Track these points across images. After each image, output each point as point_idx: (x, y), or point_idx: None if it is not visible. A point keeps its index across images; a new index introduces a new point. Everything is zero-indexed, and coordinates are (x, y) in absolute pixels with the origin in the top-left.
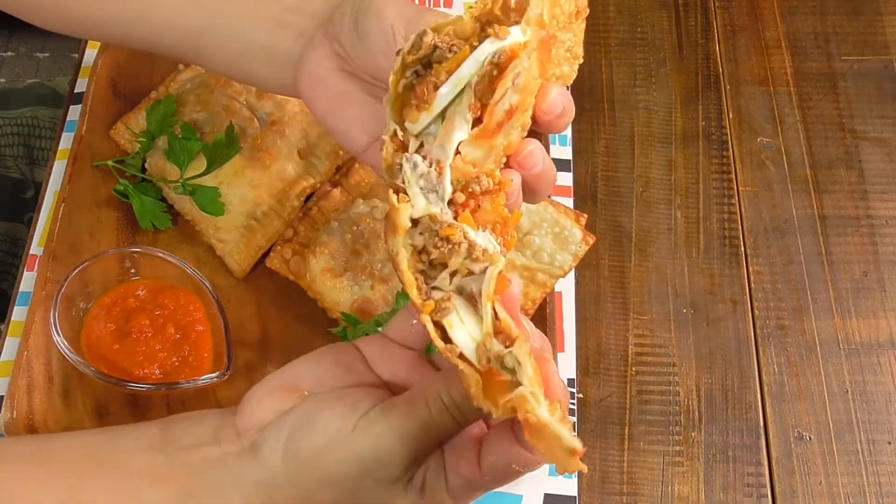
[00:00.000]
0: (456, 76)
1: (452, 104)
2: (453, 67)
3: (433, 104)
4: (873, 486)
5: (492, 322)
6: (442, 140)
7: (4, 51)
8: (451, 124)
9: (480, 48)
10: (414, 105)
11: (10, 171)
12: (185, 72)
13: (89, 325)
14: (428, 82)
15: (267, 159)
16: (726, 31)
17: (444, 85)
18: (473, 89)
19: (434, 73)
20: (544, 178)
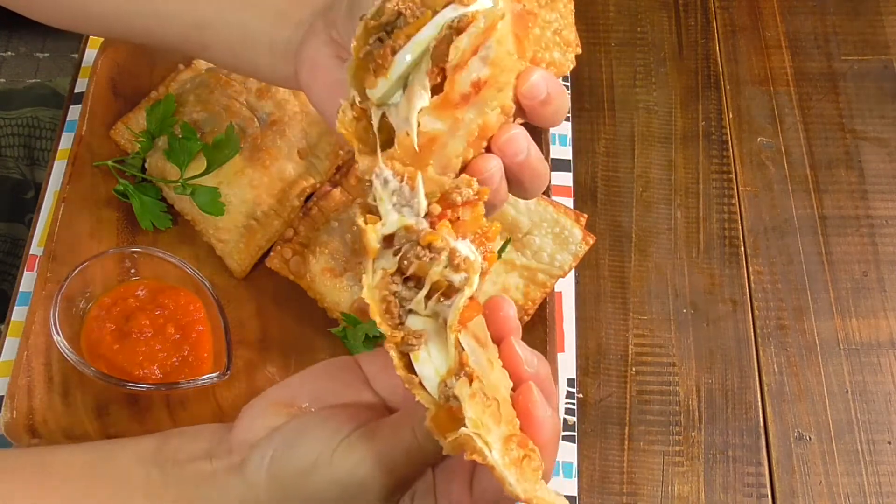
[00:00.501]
0: (414, 40)
1: (413, 71)
2: (413, 32)
3: (390, 69)
4: (873, 486)
5: (456, 356)
6: (405, 111)
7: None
8: (412, 92)
9: (442, 13)
10: (372, 70)
11: (11, 172)
12: (185, 72)
13: (89, 325)
14: (386, 46)
15: (267, 159)
16: (726, 31)
17: (402, 50)
18: (431, 54)
19: (394, 37)
20: (529, 168)
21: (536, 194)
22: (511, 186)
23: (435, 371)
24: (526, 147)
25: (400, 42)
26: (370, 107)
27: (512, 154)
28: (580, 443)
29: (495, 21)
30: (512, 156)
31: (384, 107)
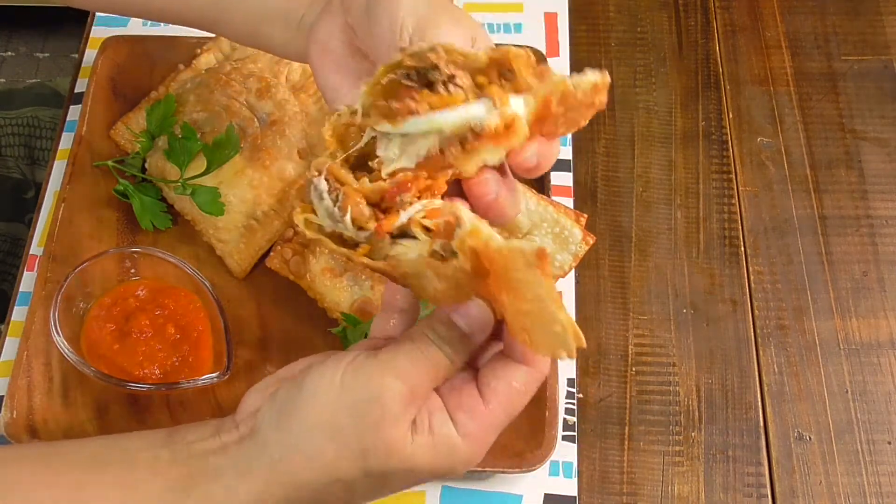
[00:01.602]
0: (432, 117)
1: (418, 136)
2: (437, 105)
3: (400, 126)
4: (873, 486)
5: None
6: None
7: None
8: (407, 150)
9: (471, 106)
10: (384, 114)
11: (11, 172)
12: (185, 72)
13: (89, 325)
14: (408, 105)
15: (267, 159)
16: (726, 31)
17: (418, 118)
18: (440, 141)
19: (419, 97)
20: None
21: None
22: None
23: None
24: (496, 190)
25: (423, 108)
26: (365, 126)
27: (480, 195)
28: (580, 443)
29: (514, 139)
30: (480, 196)
31: (377, 136)
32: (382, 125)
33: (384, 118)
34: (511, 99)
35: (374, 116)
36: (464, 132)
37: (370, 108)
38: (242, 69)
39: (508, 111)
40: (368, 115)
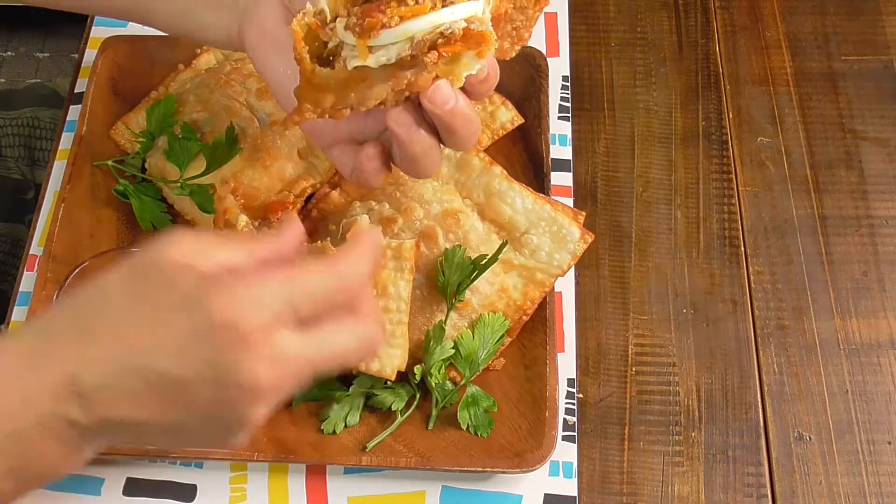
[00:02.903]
0: (405, 27)
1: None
2: (407, 15)
3: (369, 41)
4: (873, 486)
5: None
6: (355, 54)
7: (4, 51)
8: (376, 55)
9: (440, 14)
10: (356, 30)
11: (11, 172)
12: (185, 72)
13: None
14: (378, 19)
15: (267, 159)
16: (726, 31)
17: (389, 30)
18: (413, 45)
19: (389, 11)
20: (459, 115)
21: (472, 142)
22: (445, 138)
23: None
24: (454, 95)
25: (394, 22)
26: (330, 33)
27: (441, 103)
28: (580, 443)
29: (484, 45)
30: (441, 104)
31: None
32: (347, 37)
33: (352, 33)
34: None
35: (339, 25)
36: (434, 38)
37: (335, 10)
38: (242, 69)
39: (483, 21)
40: (333, 19)
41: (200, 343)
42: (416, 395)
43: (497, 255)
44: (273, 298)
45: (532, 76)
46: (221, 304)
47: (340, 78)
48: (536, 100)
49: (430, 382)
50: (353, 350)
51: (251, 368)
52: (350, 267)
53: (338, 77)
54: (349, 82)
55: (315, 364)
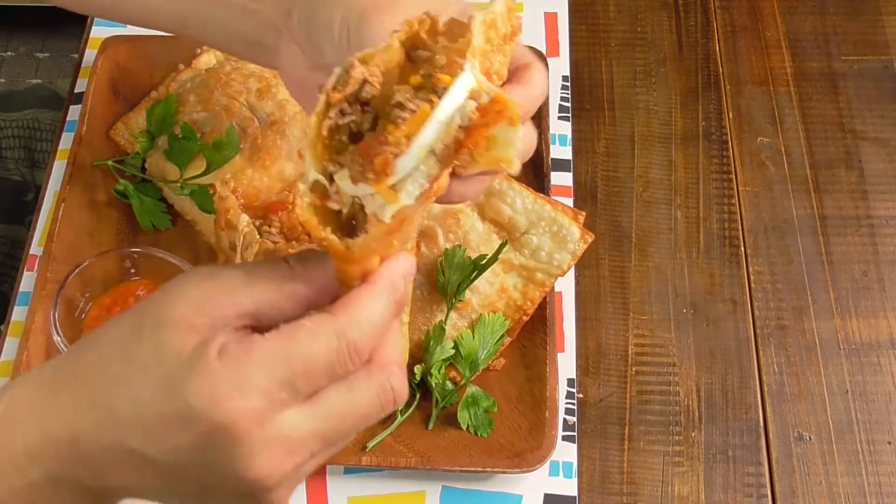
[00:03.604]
0: (418, 144)
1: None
2: (413, 131)
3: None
4: (873, 486)
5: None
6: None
7: (4, 51)
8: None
9: (443, 107)
10: (369, 176)
11: (11, 174)
12: (185, 72)
13: (89, 326)
14: (385, 152)
15: (267, 159)
16: (726, 31)
17: (407, 155)
18: (438, 157)
19: (391, 137)
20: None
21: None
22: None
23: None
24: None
25: (402, 146)
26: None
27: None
28: (580, 443)
29: (505, 110)
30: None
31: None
32: (361, 189)
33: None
34: (462, 77)
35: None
36: (454, 136)
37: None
38: (243, 69)
39: (484, 89)
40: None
41: (178, 430)
42: (416, 394)
43: (497, 255)
44: (264, 379)
45: None
46: (203, 391)
47: (380, 234)
48: None
49: (430, 382)
50: (372, 409)
51: (248, 460)
52: (362, 317)
53: (377, 236)
54: (390, 231)
55: (329, 437)
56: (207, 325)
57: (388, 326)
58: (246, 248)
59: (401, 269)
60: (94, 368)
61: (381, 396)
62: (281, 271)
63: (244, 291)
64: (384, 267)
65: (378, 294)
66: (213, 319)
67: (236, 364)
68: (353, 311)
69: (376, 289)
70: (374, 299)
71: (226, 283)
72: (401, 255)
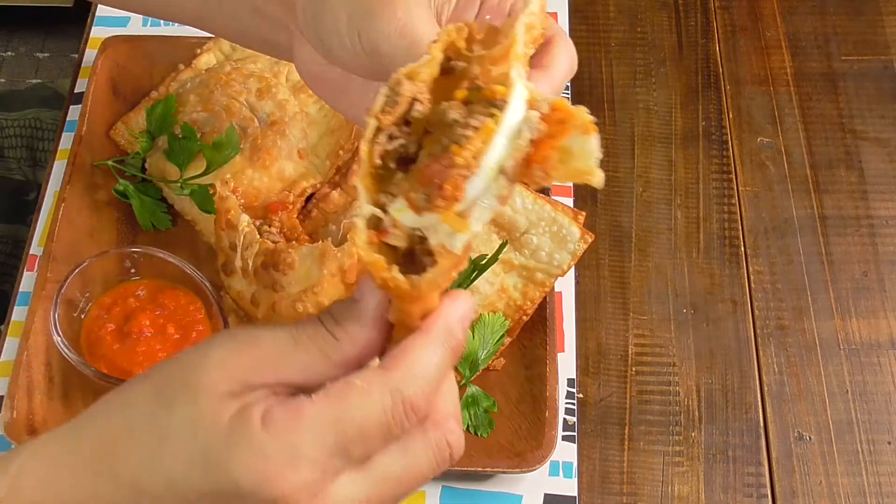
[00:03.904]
0: (487, 163)
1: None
2: (481, 149)
3: (463, 203)
4: (873, 486)
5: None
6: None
7: (4, 51)
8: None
9: (508, 119)
10: (437, 204)
11: (13, 173)
12: (185, 72)
13: (89, 325)
14: (454, 175)
15: (267, 159)
16: (726, 31)
17: (477, 176)
18: (508, 175)
19: (459, 158)
20: None
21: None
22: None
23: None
24: None
25: (473, 167)
26: (396, 228)
27: None
28: (580, 443)
29: (570, 119)
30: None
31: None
32: (424, 220)
33: (429, 211)
34: (516, 86)
35: (401, 215)
36: (523, 152)
37: (379, 200)
38: (243, 69)
39: (538, 96)
40: (381, 204)
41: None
42: None
43: (497, 255)
44: (315, 448)
45: None
46: (249, 465)
47: (448, 267)
48: None
49: None
50: (428, 470)
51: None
52: (417, 371)
53: (445, 270)
54: (457, 263)
55: (384, 501)
56: (247, 390)
57: (444, 378)
58: (246, 247)
59: (459, 312)
60: (116, 438)
61: (437, 456)
62: (324, 336)
63: (289, 362)
64: (440, 312)
65: (434, 343)
66: (254, 386)
67: (284, 432)
68: (407, 366)
69: (431, 337)
70: (430, 350)
71: (267, 352)
72: (459, 295)
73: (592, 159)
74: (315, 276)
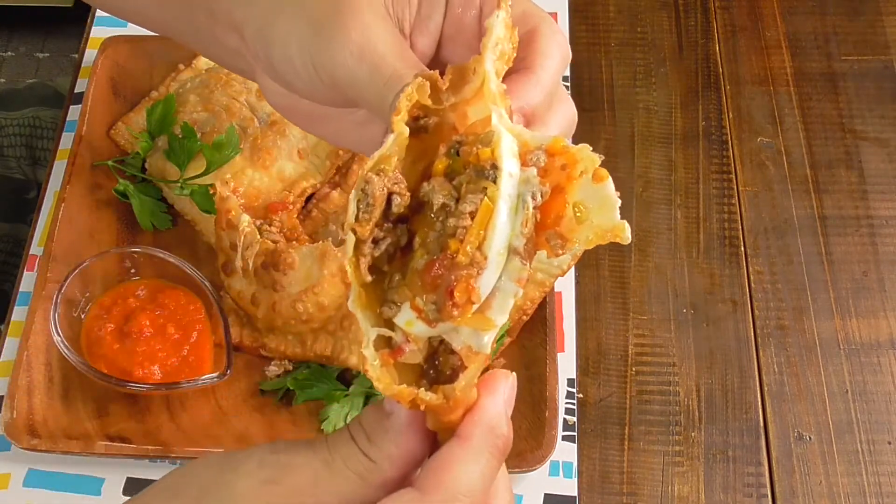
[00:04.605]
0: (496, 245)
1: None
2: (482, 237)
3: (478, 302)
4: (873, 486)
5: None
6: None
7: (4, 51)
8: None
9: (502, 193)
10: (452, 312)
11: (13, 173)
12: (185, 72)
13: (89, 325)
14: (462, 278)
15: (267, 159)
16: (726, 31)
17: (487, 268)
18: (521, 254)
19: (461, 257)
20: None
21: None
22: None
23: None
24: None
25: (480, 262)
26: (406, 340)
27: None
28: (580, 443)
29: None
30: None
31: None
32: (442, 329)
33: (444, 320)
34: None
35: (411, 328)
36: (528, 220)
37: (378, 320)
38: None
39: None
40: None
41: None
42: None
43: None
44: None
45: None
46: None
47: (479, 367)
48: None
49: None
50: None
51: None
52: (461, 487)
53: (477, 371)
54: (487, 358)
55: None
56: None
57: (492, 484)
58: (247, 247)
59: (499, 405)
60: None
61: None
62: (359, 459)
63: (325, 491)
64: (478, 412)
65: (475, 452)
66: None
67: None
68: (447, 484)
69: (472, 445)
70: (472, 460)
71: (302, 482)
72: (497, 380)
73: (614, 211)
74: (315, 276)
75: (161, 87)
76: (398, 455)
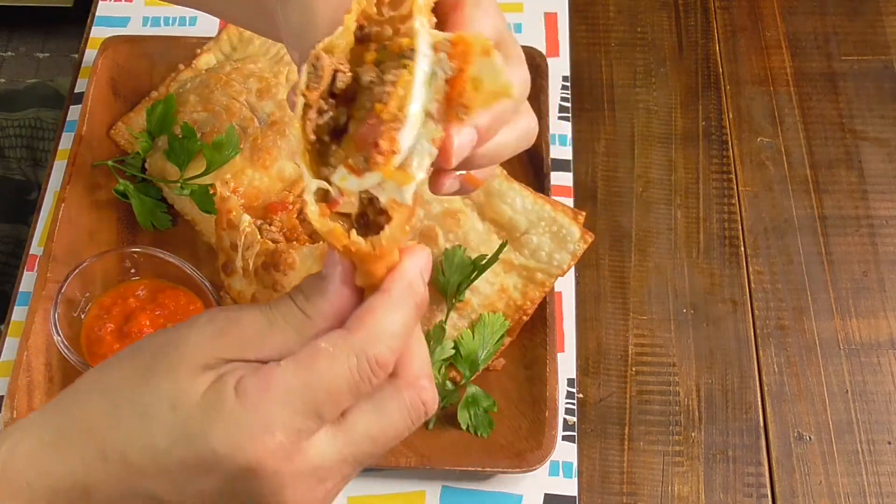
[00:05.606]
0: (414, 108)
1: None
2: (403, 100)
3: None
4: (873, 486)
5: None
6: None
7: (4, 51)
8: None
9: (419, 65)
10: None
11: (14, 173)
12: (185, 72)
13: (89, 325)
14: (386, 129)
15: (267, 159)
16: (726, 31)
17: (407, 125)
18: (435, 118)
19: (385, 114)
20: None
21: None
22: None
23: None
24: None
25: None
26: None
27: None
28: (580, 443)
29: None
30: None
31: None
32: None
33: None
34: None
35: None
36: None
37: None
38: (243, 69)
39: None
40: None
41: (204, 475)
42: None
43: (497, 255)
44: (287, 413)
45: (532, 76)
46: (225, 435)
47: (403, 220)
48: (536, 100)
49: None
50: (403, 427)
51: (279, 496)
52: (380, 329)
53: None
54: (410, 216)
55: (359, 459)
56: (222, 363)
57: (410, 334)
58: (247, 248)
59: (417, 266)
60: (101, 417)
61: (411, 413)
62: (296, 314)
63: (265, 343)
64: (399, 269)
65: (395, 301)
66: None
67: (256, 402)
68: (370, 325)
69: (392, 296)
70: (392, 308)
71: (244, 334)
72: (416, 249)
73: (501, 77)
74: None
75: (161, 87)
76: (330, 310)
